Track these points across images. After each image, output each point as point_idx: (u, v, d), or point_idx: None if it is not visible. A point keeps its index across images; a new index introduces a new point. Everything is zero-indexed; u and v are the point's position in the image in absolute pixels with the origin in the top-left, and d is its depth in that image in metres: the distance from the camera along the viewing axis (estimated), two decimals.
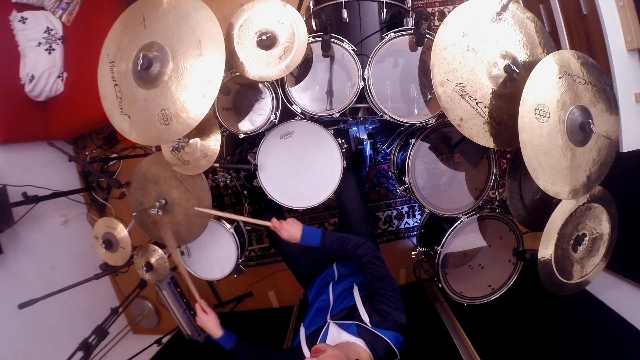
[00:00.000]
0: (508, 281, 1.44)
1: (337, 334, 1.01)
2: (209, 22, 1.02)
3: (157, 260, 1.51)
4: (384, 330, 0.97)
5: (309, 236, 1.17)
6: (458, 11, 1.05)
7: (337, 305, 1.14)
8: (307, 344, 1.05)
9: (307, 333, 1.10)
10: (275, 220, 1.19)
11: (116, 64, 1.12)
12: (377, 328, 0.97)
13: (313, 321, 1.15)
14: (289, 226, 1.16)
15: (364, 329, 0.98)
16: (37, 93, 2.08)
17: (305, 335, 1.09)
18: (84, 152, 2.46)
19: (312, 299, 1.33)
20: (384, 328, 0.97)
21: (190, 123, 1.03)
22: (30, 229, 2.05)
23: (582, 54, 1.05)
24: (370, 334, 0.96)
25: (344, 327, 1.01)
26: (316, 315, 1.18)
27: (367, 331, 0.97)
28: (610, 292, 1.52)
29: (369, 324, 0.98)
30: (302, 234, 1.16)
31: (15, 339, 1.85)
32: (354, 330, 0.98)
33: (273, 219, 1.20)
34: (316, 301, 1.27)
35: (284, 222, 1.18)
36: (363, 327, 0.98)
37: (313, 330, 1.09)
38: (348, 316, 1.04)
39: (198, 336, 1.98)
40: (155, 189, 1.41)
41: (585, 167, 1.08)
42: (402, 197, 2.23)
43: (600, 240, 1.25)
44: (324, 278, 1.37)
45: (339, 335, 0.99)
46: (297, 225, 1.17)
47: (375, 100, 1.21)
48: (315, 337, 1.05)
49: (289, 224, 1.17)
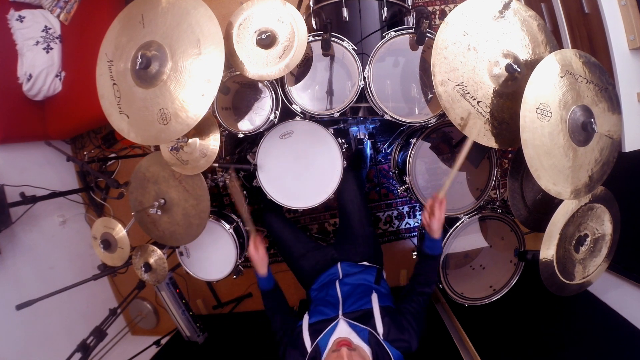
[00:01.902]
0: (509, 282, 1.43)
1: (346, 332, 0.99)
2: (208, 20, 1.01)
3: (155, 261, 1.50)
4: (394, 348, 0.96)
5: (439, 242, 1.16)
6: (459, 10, 1.05)
7: (350, 304, 1.11)
8: (309, 332, 1.03)
9: (311, 321, 1.07)
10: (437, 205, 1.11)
11: (114, 63, 1.12)
12: (387, 343, 0.96)
13: (319, 310, 1.12)
14: (441, 219, 1.11)
15: (375, 339, 0.97)
16: (35, 92, 2.07)
17: (309, 323, 1.07)
18: (82, 151, 2.46)
19: (316, 295, 1.31)
20: (394, 346, 0.97)
21: (189, 122, 1.02)
22: (28, 229, 2.04)
23: (584, 53, 1.05)
24: (379, 346, 0.96)
25: (356, 329, 1.00)
26: (323, 306, 1.14)
27: (377, 342, 0.96)
28: (612, 293, 1.51)
29: (381, 335, 0.98)
30: (440, 236, 1.13)
31: (13, 340, 1.84)
32: (365, 335, 0.97)
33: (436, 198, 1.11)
34: (322, 295, 1.25)
35: (442, 212, 1.10)
36: (374, 337, 0.97)
37: (320, 319, 1.07)
38: (362, 319, 1.03)
39: (197, 337, 1.97)
40: (154, 188, 1.41)
41: (587, 167, 1.07)
42: (402, 197, 2.22)
43: (602, 240, 1.25)
44: (327, 277, 1.36)
45: (348, 335, 0.98)
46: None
47: (375, 100, 1.20)
48: (321, 327, 1.03)
49: (441, 220, 1.11)
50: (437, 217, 1.09)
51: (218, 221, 1.50)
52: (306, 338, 1.02)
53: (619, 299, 1.47)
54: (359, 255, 1.38)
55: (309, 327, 1.05)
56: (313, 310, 1.16)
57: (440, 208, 1.09)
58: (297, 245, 1.46)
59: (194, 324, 1.97)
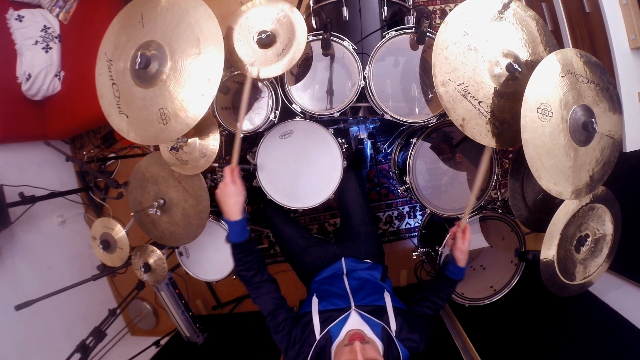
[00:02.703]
0: (510, 282, 1.43)
1: (358, 324, 0.98)
2: (208, 20, 1.01)
3: (155, 261, 1.49)
4: (403, 347, 0.96)
5: (463, 270, 1.14)
6: (459, 10, 1.04)
7: (362, 298, 1.07)
8: (319, 318, 0.99)
9: (321, 308, 1.02)
10: (460, 234, 1.12)
11: (114, 63, 1.11)
12: (398, 341, 0.96)
13: (331, 300, 1.06)
14: (464, 250, 1.10)
15: (387, 335, 0.96)
16: (34, 92, 2.06)
17: (319, 310, 1.01)
18: (82, 151, 2.45)
19: (318, 287, 1.25)
20: (404, 345, 0.97)
21: (188, 122, 1.02)
22: (27, 229, 2.04)
23: (585, 53, 1.04)
24: (390, 342, 0.95)
25: (369, 323, 0.98)
26: (335, 296, 1.09)
27: (389, 338, 0.96)
28: (613, 294, 1.50)
29: (394, 332, 0.97)
30: (466, 264, 1.13)
31: (12, 341, 1.83)
32: (378, 330, 0.97)
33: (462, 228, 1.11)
34: (327, 287, 1.19)
35: (466, 242, 1.10)
36: (387, 333, 0.97)
37: (331, 308, 1.02)
38: (375, 314, 1.01)
39: (197, 338, 1.97)
40: (154, 188, 1.40)
41: (588, 167, 1.07)
42: (403, 197, 2.22)
43: (603, 240, 1.24)
44: (332, 271, 1.33)
45: (360, 326, 0.97)
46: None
47: (375, 100, 1.20)
48: (332, 316, 0.99)
49: (464, 250, 1.10)
50: (459, 247, 1.08)
51: (218, 221, 1.50)
52: (316, 324, 0.97)
53: (619, 299, 1.47)
54: (361, 253, 1.37)
55: (319, 313, 1.00)
56: (321, 297, 1.08)
57: (463, 238, 1.08)
58: (299, 241, 1.44)
59: (194, 324, 1.96)
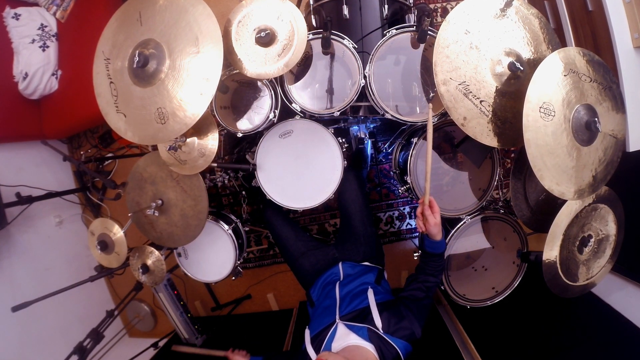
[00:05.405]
0: (512, 283, 1.42)
1: (345, 335, 0.99)
2: (207, 18, 0.99)
3: (153, 262, 1.48)
4: (396, 338, 0.96)
5: (442, 241, 1.09)
6: (460, 8, 1.03)
7: (347, 306, 1.11)
8: (312, 346, 1.03)
9: (312, 334, 1.08)
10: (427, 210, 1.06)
11: (112, 62, 1.10)
12: (389, 335, 0.96)
13: (319, 321, 1.13)
14: (438, 223, 1.04)
15: (375, 334, 0.96)
16: (31, 91, 2.05)
17: (311, 337, 1.07)
18: (79, 151, 2.44)
19: (317, 299, 1.31)
20: (397, 336, 0.96)
21: (187, 122, 1.01)
22: (23, 230, 2.02)
23: (588, 51, 1.03)
24: (380, 340, 0.95)
25: (354, 330, 0.99)
26: (323, 315, 1.15)
27: (378, 337, 0.96)
28: (616, 295, 1.50)
29: (381, 329, 0.97)
30: (442, 237, 1.07)
31: (9, 342, 1.82)
32: (364, 333, 0.97)
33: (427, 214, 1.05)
34: (322, 300, 1.25)
35: (436, 214, 1.04)
36: (374, 332, 0.97)
37: (319, 330, 1.07)
38: (359, 318, 1.02)
39: (195, 339, 1.95)
40: (152, 189, 1.39)
41: (591, 166, 1.06)
42: (403, 198, 2.20)
43: (606, 241, 1.23)
44: (328, 277, 1.35)
45: (347, 337, 0.98)
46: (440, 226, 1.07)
47: (376, 99, 1.19)
48: (322, 337, 1.03)
49: (438, 224, 1.05)
50: (431, 222, 1.03)
51: (216, 222, 1.49)
52: (311, 352, 1.01)
53: (622, 300, 1.46)
54: (360, 255, 1.37)
55: (311, 341, 1.05)
56: (312, 322, 1.16)
57: (432, 212, 1.03)
58: (298, 244, 1.45)
59: (192, 326, 1.95)
